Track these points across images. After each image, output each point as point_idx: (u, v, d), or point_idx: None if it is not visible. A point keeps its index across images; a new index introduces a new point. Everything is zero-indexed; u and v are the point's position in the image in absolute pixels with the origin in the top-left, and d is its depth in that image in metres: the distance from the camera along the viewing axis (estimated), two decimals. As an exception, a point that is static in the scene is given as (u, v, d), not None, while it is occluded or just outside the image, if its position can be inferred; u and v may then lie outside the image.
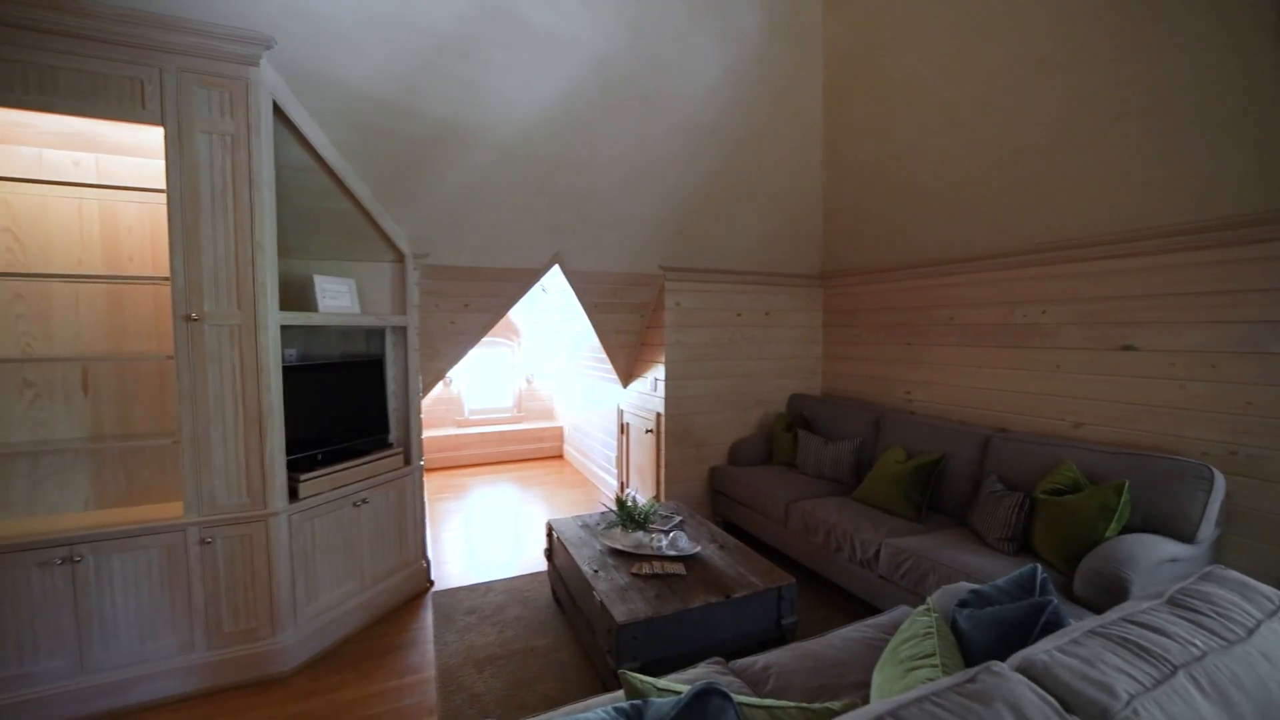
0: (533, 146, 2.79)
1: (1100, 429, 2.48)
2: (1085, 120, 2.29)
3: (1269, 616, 0.95)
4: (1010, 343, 2.84)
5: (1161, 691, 0.75)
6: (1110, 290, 2.45)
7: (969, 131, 2.69)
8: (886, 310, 3.56)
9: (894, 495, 2.68)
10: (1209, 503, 1.95)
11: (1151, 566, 1.80)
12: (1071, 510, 2.06)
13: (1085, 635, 0.85)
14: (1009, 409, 2.85)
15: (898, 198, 3.21)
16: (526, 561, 3.24)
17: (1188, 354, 2.21)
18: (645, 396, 3.84)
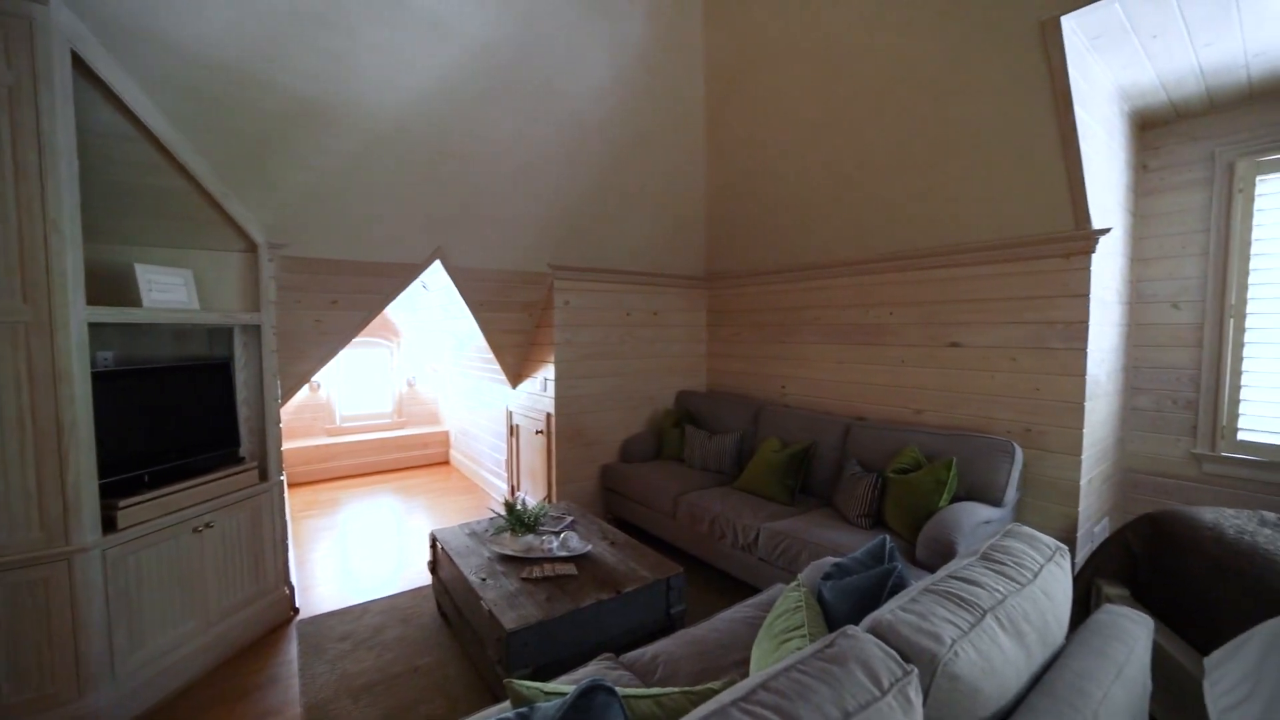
0: (410, 133, 2.61)
1: (936, 414, 2.89)
2: (920, 149, 2.64)
3: (1048, 560, 1.17)
4: (865, 340, 3.20)
5: (975, 633, 0.89)
6: (942, 295, 2.85)
7: (829, 150, 2.98)
8: (763, 310, 3.83)
9: (771, 482, 2.90)
10: (1012, 472, 2.36)
11: (972, 529, 2.13)
12: (913, 486, 2.37)
13: (921, 594, 0.99)
14: (865, 399, 3.20)
15: (772, 206, 3.46)
16: (410, 577, 3.03)
17: (996, 349, 2.64)
18: (535, 397, 3.77)
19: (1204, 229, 2.76)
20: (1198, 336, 2.78)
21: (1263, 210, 2.63)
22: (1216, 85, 2.51)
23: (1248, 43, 2.18)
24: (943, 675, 0.81)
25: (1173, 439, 2.87)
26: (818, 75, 2.82)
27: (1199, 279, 2.78)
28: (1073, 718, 0.88)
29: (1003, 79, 2.26)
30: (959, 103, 2.43)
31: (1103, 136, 2.46)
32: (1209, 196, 2.74)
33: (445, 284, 3.41)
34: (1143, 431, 2.96)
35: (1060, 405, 2.43)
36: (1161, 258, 2.89)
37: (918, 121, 2.59)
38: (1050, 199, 2.37)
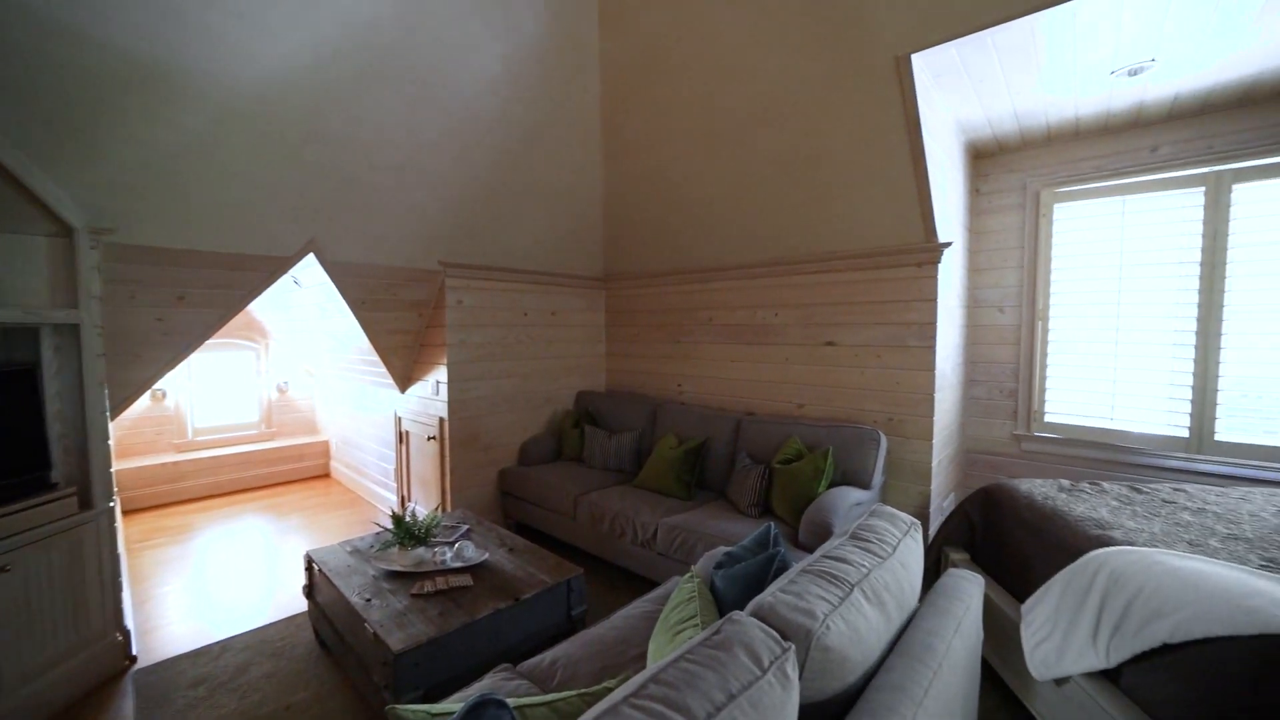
0: (275, 111, 2.35)
1: (815, 407, 3.15)
2: (798, 163, 2.87)
3: (905, 535, 1.33)
4: (754, 340, 3.41)
5: (844, 607, 0.99)
6: (819, 299, 3.11)
7: (719, 159, 3.13)
8: (660, 311, 3.93)
9: (668, 478, 2.99)
10: (878, 457, 2.64)
11: (846, 511, 2.35)
12: (796, 475, 2.57)
13: (799, 574, 1.08)
14: (754, 395, 3.41)
15: (668, 210, 3.57)
16: (282, 604, 2.73)
17: (865, 348, 2.94)
18: (427, 401, 3.57)
19: (1020, 246, 3.29)
20: (1017, 336, 3.30)
21: (1059, 232, 3.18)
22: (1026, 126, 3.00)
23: (1041, 96, 2.62)
24: (816, 648, 0.89)
25: (1000, 422, 3.38)
26: (708, 87, 2.95)
27: (1017, 288, 3.30)
28: (923, 671, 1.01)
29: (866, 105, 2.51)
30: (830, 123, 2.66)
31: (945, 162, 2.83)
32: (1022, 219, 3.27)
33: (322, 280, 3.11)
34: (978, 417, 3.46)
35: (915, 397, 2.76)
36: (990, 269, 3.39)
37: (795, 138, 2.80)
38: (904, 214, 2.68)
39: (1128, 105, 2.72)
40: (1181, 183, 2.85)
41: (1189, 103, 2.68)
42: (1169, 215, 2.88)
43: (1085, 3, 1.92)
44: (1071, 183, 3.13)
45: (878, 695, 0.94)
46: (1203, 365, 2.79)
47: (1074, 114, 2.83)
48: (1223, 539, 1.71)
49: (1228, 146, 2.72)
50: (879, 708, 0.90)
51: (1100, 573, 1.60)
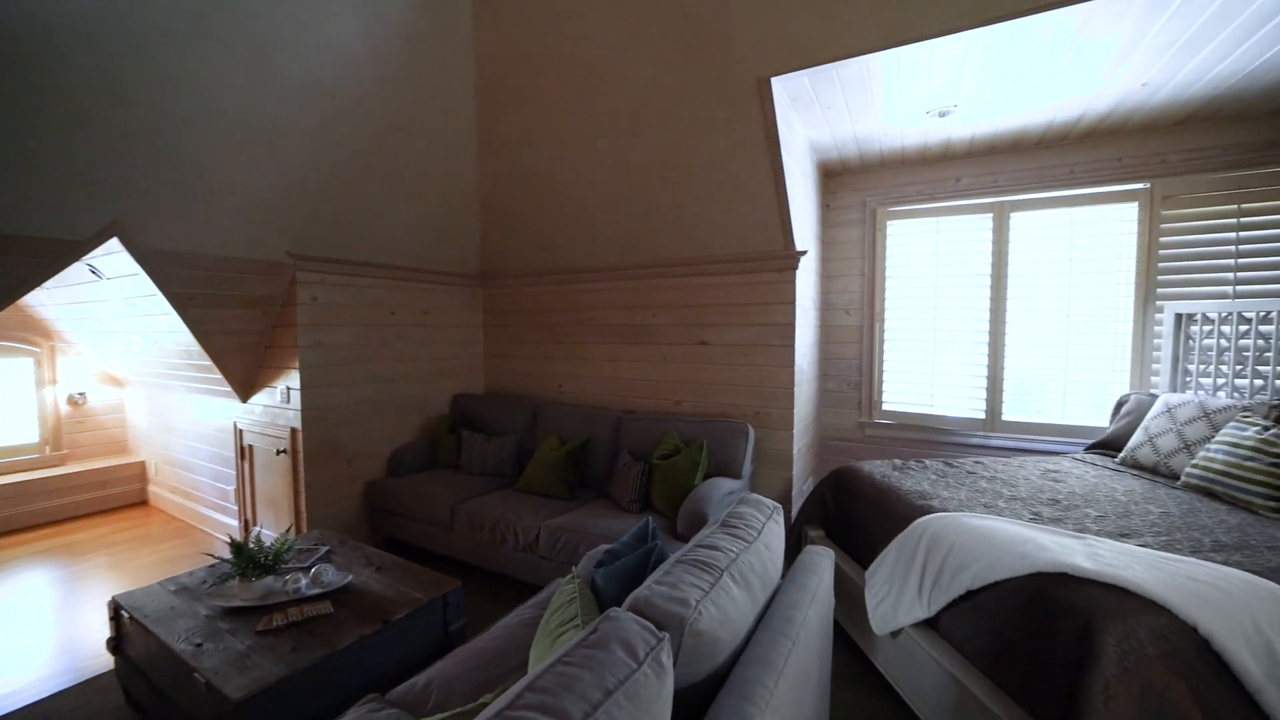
0: (45, 56, 1.92)
1: (691, 404, 3.31)
2: (672, 169, 2.99)
3: (768, 519, 1.45)
4: (634, 340, 3.49)
5: (715, 591, 1.06)
6: (693, 300, 3.28)
7: (597, 160, 3.17)
8: (541, 311, 3.88)
9: (550, 480, 2.96)
10: (747, 449, 2.85)
11: (719, 500, 2.50)
12: (674, 469, 2.69)
13: (674, 565, 1.13)
14: (634, 394, 3.50)
15: (549, 207, 3.52)
16: (80, 665, 2.25)
17: (735, 346, 3.15)
18: (275, 410, 3.16)
19: (861, 256, 3.74)
20: (860, 335, 3.76)
21: (891, 246, 3.68)
22: (866, 152, 3.42)
23: (875, 126, 3.02)
24: (690, 634, 0.95)
25: (848, 411, 3.82)
26: (584, 89, 2.96)
27: (860, 293, 3.75)
28: (783, 642, 1.11)
29: (732, 121, 2.70)
30: (700, 135, 2.81)
31: (801, 178, 3.13)
32: (863, 233, 3.73)
33: (133, 271, 2.62)
34: (830, 407, 3.88)
35: (778, 391, 3.02)
36: (838, 276, 3.82)
37: (668, 146, 2.92)
38: (767, 224, 2.92)
39: (939, 141, 3.23)
40: (977, 209, 3.44)
41: (981, 144, 3.25)
42: (969, 235, 3.47)
43: (906, 51, 2.24)
44: (900, 203, 3.63)
45: (745, 670, 1.02)
46: (994, 359, 3.40)
47: (900, 144, 3.29)
48: (1007, 500, 2.11)
49: (1008, 182, 3.34)
50: (746, 681, 0.98)
51: (924, 536, 1.88)
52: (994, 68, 2.39)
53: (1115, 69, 2.39)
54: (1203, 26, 2.07)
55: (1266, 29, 2.09)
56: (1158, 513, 1.93)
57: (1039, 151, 3.27)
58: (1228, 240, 2.94)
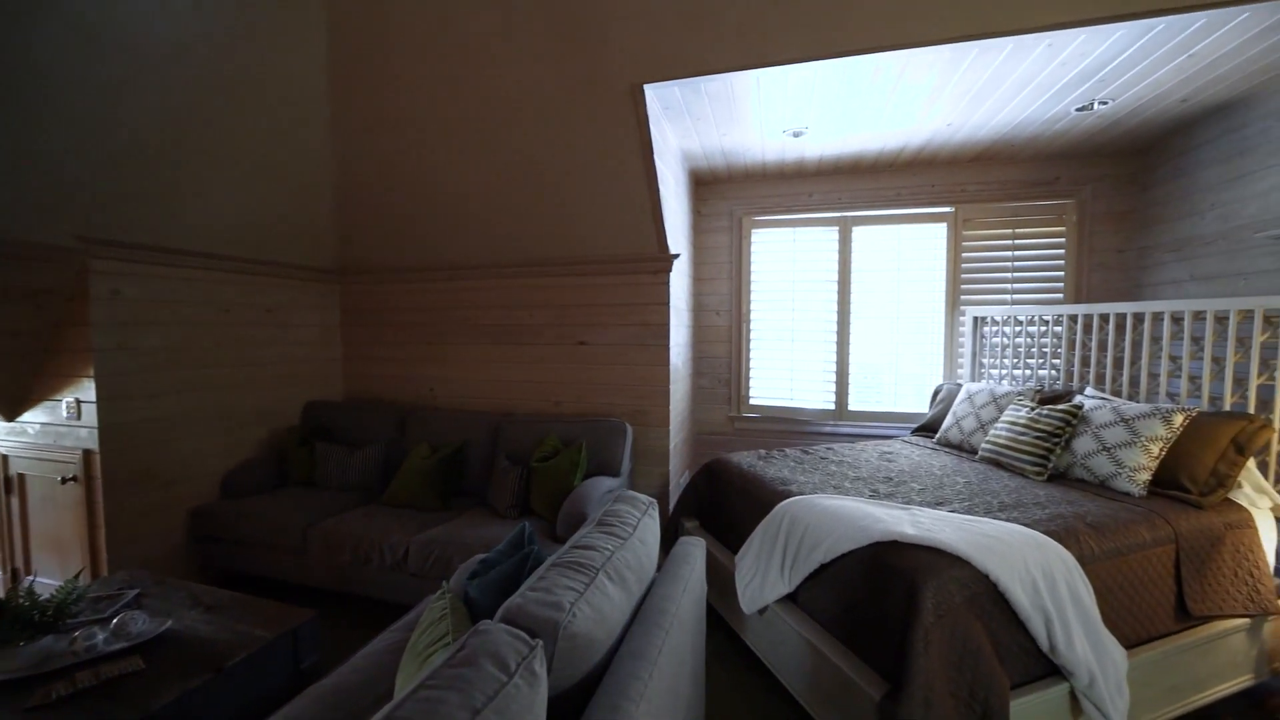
0: None
1: (571, 404, 3.30)
2: (548, 168, 2.95)
3: (643, 515, 1.49)
4: (511, 340, 3.39)
5: (590, 592, 1.06)
6: (571, 300, 3.26)
7: (469, 154, 3.02)
8: (410, 310, 3.61)
9: (422, 490, 2.77)
10: (625, 447, 2.91)
11: (599, 499, 2.52)
12: (553, 471, 2.65)
13: (549, 569, 1.12)
14: (512, 396, 3.40)
15: (417, 201, 3.28)
16: None
17: (613, 346, 3.19)
18: (58, 430, 2.58)
19: (729, 261, 4.00)
20: (729, 335, 4.02)
21: (755, 252, 3.98)
22: (732, 163, 3.66)
23: (740, 140, 3.25)
24: (564, 637, 0.94)
25: (719, 407, 4.06)
26: (452, 76, 2.80)
27: (729, 295, 4.01)
28: (657, 634, 1.15)
29: (607, 123, 2.73)
30: (578, 133, 2.81)
31: (672, 184, 3.26)
32: (730, 239, 3.98)
33: None
34: (703, 403, 4.10)
35: (655, 389, 3.12)
36: (709, 279, 4.04)
37: (546, 142, 2.88)
38: (641, 227, 3.00)
39: (795, 158, 3.55)
40: (826, 223, 3.85)
41: (829, 164, 3.64)
42: (820, 245, 3.87)
43: (764, 74, 2.44)
44: (763, 213, 3.94)
45: (621, 665, 1.04)
46: (841, 355, 3.83)
47: (762, 159, 3.57)
48: (852, 480, 2.38)
49: (850, 199, 3.78)
50: (621, 677, 1.00)
51: (784, 519, 2.06)
52: (837, 96, 2.69)
53: (928, 109, 2.81)
54: (985, 83, 2.52)
55: (1024, 94, 2.60)
56: (962, 483, 2.31)
57: (874, 174, 3.75)
58: (1006, 258, 3.61)
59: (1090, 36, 2.11)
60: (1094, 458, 2.26)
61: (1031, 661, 1.59)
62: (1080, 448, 2.32)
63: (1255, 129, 2.61)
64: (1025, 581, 1.59)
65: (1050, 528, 1.81)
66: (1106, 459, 2.22)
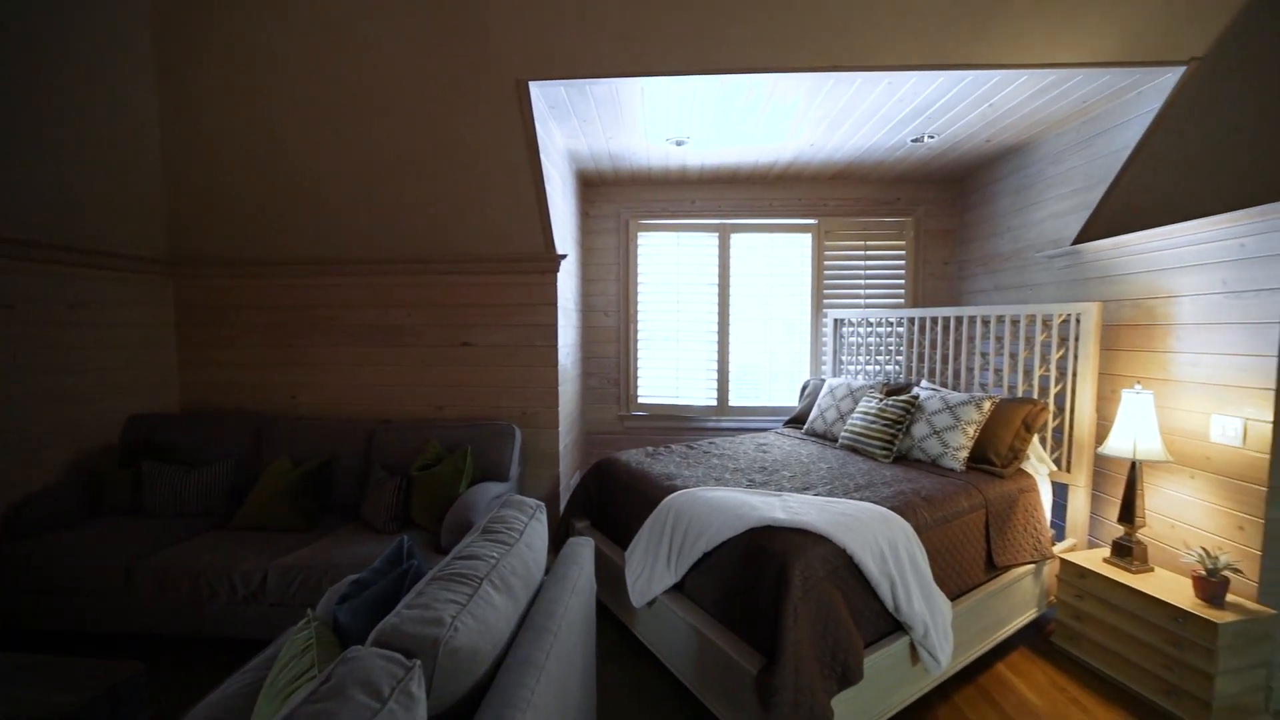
0: None
1: (456, 408, 3.15)
2: (429, 159, 2.80)
3: (531, 519, 1.48)
4: (387, 342, 3.16)
5: (474, 603, 1.03)
6: (454, 299, 3.12)
7: (337, 138, 2.76)
8: (266, 308, 3.21)
9: (282, 510, 2.49)
10: (514, 450, 2.85)
11: (487, 505, 2.44)
12: (436, 479, 2.52)
13: (428, 584, 1.07)
14: (390, 401, 3.17)
15: (275, 186, 2.93)
16: None
17: (499, 347, 3.11)
18: None
19: (617, 262, 4.07)
20: (617, 335, 4.09)
21: (643, 255, 4.09)
22: (619, 167, 3.73)
23: (626, 145, 3.33)
24: (445, 654, 0.91)
25: (609, 406, 4.12)
26: (313, 53, 2.55)
27: (617, 296, 4.08)
28: (545, 638, 1.15)
29: (491, 118, 2.65)
30: (462, 126, 2.69)
31: (559, 184, 3.25)
32: (618, 241, 4.06)
33: None
34: (593, 403, 4.13)
35: (543, 390, 3.09)
36: (598, 280, 4.08)
37: (423, 134, 2.72)
38: (528, 226, 2.95)
39: (678, 166, 3.71)
40: (707, 229, 4.06)
41: (709, 173, 3.85)
42: (702, 250, 4.08)
43: (649, 82, 2.52)
44: (649, 217, 4.06)
45: (507, 675, 1.02)
46: (722, 354, 4.07)
47: (648, 164, 3.68)
48: (731, 472, 2.55)
49: (729, 208, 4.03)
50: (507, 687, 0.98)
51: (670, 512, 2.15)
52: (716, 110, 2.86)
53: (795, 129, 3.08)
54: (840, 111, 2.83)
55: (870, 123, 2.96)
56: (825, 468, 2.57)
57: (749, 185, 4.02)
58: (860, 267, 4.07)
59: (920, 80, 2.46)
60: (927, 440, 2.63)
61: (880, 621, 1.82)
62: (917, 432, 2.69)
63: (1035, 169, 3.21)
64: (875, 552, 1.81)
65: (894, 503, 2.08)
66: (936, 441, 2.60)
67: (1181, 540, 2.21)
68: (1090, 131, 2.79)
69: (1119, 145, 2.60)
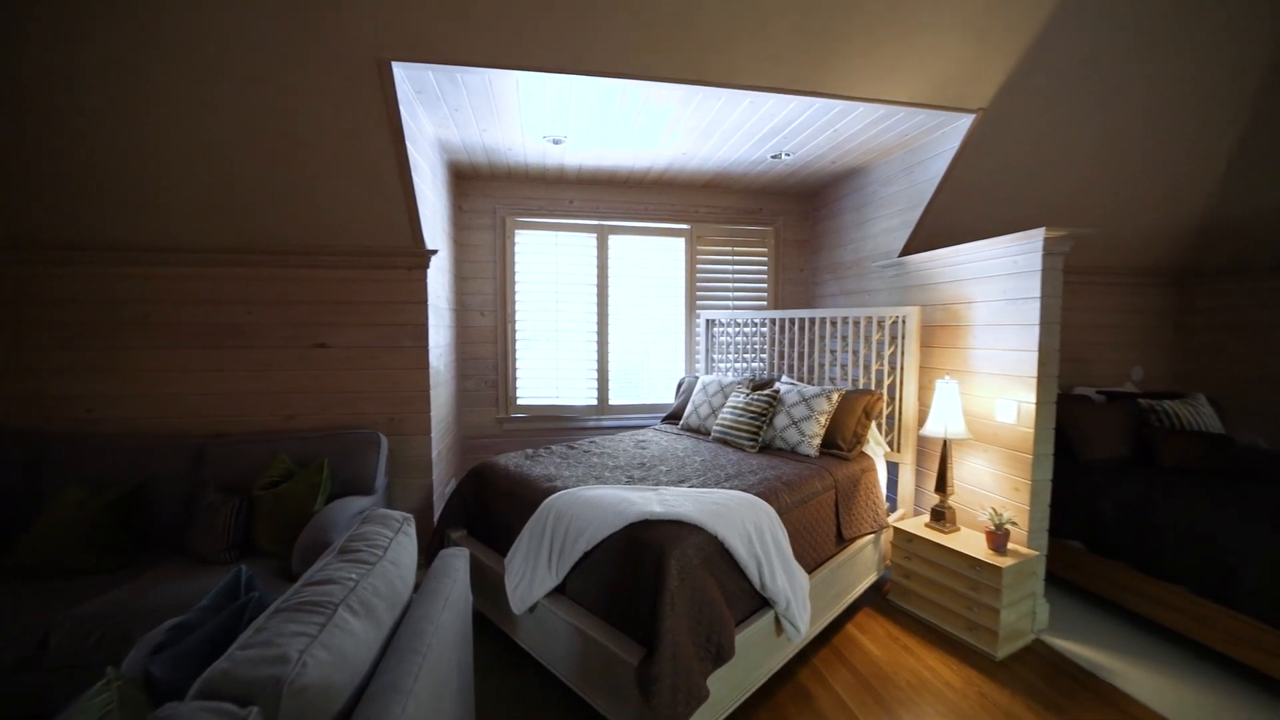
0: None
1: (309, 417, 2.82)
2: (278, 140, 2.46)
3: (397, 533, 1.37)
4: (219, 343, 2.74)
5: (327, 632, 0.93)
6: (307, 295, 2.79)
7: (159, 105, 2.32)
8: (58, 303, 2.62)
9: (71, 550, 2.04)
10: (379, 460, 2.63)
11: (347, 523, 2.22)
12: (286, 497, 2.24)
13: (270, 617, 0.94)
14: (225, 412, 2.76)
15: (59, 151, 2.38)
16: None
17: (361, 349, 2.84)
18: None
19: (494, 260, 3.93)
20: (495, 336, 3.95)
21: (520, 253, 3.99)
22: (495, 161, 3.60)
23: (502, 139, 3.23)
24: (290, 695, 0.81)
25: (487, 409, 3.97)
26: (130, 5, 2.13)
27: (494, 295, 3.94)
28: (413, 660, 1.07)
29: (350, 97, 2.40)
30: (312, 104, 2.41)
31: (429, 175, 3.05)
32: (494, 238, 3.92)
33: None
34: (470, 407, 3.95)
35: (413, 395, 2.89)
36: (473, 278, 3.91)
37: (269, 109, 2.39)
38: (394, 218, 2.73)
39: (556, 165, 3.67)
40: (586, 229, 4.08)
41: (587, 174, 3.86)
42: (581, 251, 4.09)
43: (523, 76, 2.46)
44: (527, 215, 3.97)
45: (369, 705, 0.94)
46: (602, 354, 4.11)
47: (525, 161, 3.59)
48: (611, 469, 2.59)
49: (607, 210, 4.08)
50: (370, 716, 0.90)
51: (550, 514, 2.12)
52: (592, 111, 2.87)
53: (669, 137, 3.21)
54: (709, 124, 3.00)
55: (736, 137, 3.18)
56: (699, 461, 2.72)
57: (627, 189, 4.11)
58: (729, 271, 4.36)
59: (777, 101, 2.69)
60: (787, 430, 2.90)
61: (749, 600, 1.97)
62: (779, 423, 2.95)
63: (870, 190, 3.68)
64: (743, 536, 1.95)
65: (759, 490, 2.26)
66: (795, 431, 2.87)
67: (980, 503, 2.67)
68: (911, 160, 3.27)
69: (932, 174, 3.07)
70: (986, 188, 3.10)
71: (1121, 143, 3.01)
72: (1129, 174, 3.20)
